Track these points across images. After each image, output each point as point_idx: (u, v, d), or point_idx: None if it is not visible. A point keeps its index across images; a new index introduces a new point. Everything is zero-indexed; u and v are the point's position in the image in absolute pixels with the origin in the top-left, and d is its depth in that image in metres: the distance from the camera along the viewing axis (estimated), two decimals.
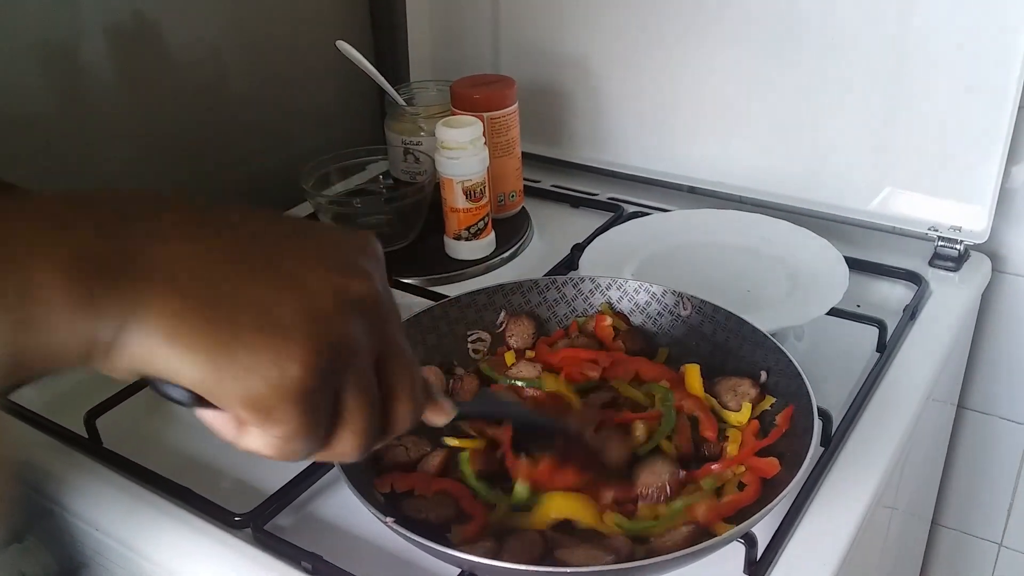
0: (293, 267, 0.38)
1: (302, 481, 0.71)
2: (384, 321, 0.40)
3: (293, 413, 0.37)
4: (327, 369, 0.37)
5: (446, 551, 0.55)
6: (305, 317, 0.36)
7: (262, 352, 0.36)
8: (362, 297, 0.39)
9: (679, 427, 0.68)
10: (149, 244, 0.36)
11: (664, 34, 1.08)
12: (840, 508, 0.68)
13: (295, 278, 0.37)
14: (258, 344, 0.36)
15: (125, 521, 0.71)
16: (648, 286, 0.81)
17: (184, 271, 0.36)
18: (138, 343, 0.35)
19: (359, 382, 0.39)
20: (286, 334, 0.36)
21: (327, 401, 0.38)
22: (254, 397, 0.36)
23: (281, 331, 0.36)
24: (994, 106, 0.91)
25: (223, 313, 0.36)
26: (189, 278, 0.36)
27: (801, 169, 1.05)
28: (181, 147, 1.11)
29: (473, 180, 0.97)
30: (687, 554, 0.54)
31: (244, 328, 0.36)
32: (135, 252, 0.35)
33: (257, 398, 0.36)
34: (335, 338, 0.37)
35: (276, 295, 0.37)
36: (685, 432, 0.68)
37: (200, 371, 0.35)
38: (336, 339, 0.37)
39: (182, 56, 1.09)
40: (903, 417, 0.78)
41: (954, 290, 0.96)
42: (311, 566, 0.64)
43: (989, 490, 1.21)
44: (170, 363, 0.35)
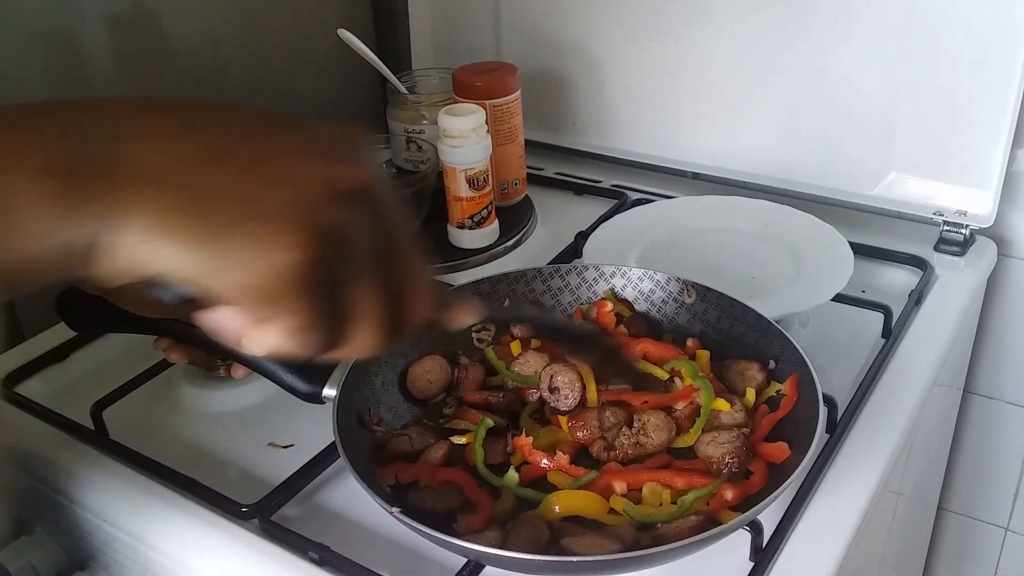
0: (279, 161, 0.37)
1: (308, 471, 0.71)
2: (379, 211, 0.39)
3: (301, 298, 0.36)
4: (326, 256, 0.36)
5: (452, 541, 0.55)
6: (296, 207, 0.35)
7: (260, 240, 0.35)
8: (353, 186, 0.37)
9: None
10: (128, 144, 0.35)
11: (667, 19, 1.07)
12: (846, 495, 0.68)
13: (282, 171, 0.36)
14: (255, 232, 0.35)
15: (132, 512, 0.72)
16: (652, 273, 0.80)
17: (167, 169, 0.35)
18: (124, 244, 0.34)
19: (362, 272, 0.38)
20: (280, 222, 0.35)
21: (334, 290, 0.37)
22: (260, 284, 0.35)
23: (274, 220, 0.35)
24: (1000, 90, 0.90)
25: (214, 206, 0.34)
26: (173, 175, 0.35)
27: (806, 154, 1.05)
28: None
29: (476, 168, 0.97)
30: (693, 542, 0.54)
31: (238, 218, 0.35)
32: (113, 153, 0.34)
33: (263, 285, 0.35)
34: (329, 226, 0.36)
35: (264, 187, 0.35)
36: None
37: (199, 264, 0.34)
38: (330, 227, 0.36)
39: (183, 46, 1.08)
40: (909, 403, 0.77)
41: (959, 275, 0.96)
42: (318, 556, 0.64)
43: (995, 475, 1.21)
44: (163, 260, 0.34)
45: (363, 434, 0.68)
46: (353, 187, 0.37)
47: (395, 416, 0.72)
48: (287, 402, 0.76)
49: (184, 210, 0.34)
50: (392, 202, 0.40)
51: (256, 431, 0.79)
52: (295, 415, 0.78)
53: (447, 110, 0.97)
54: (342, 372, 0.66)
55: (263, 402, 0.82)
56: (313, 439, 0.74)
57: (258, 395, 0.82)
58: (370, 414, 0.69)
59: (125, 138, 0.35)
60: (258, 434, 0.78)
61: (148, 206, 0.34)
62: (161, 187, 0.34)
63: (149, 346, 0.85)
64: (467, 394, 0.73)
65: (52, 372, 0.88)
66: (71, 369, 0.88)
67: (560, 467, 0.64)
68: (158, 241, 0.34)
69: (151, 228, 0.34)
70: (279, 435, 0.78)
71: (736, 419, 0.67)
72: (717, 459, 0.64)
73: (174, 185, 0.34)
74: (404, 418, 0.72)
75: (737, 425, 0.67)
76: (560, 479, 0.65)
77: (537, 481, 0.65)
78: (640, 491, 0.63)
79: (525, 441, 0.66)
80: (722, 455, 0.64)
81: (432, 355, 0.75)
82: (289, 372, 0.65)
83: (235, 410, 0.81)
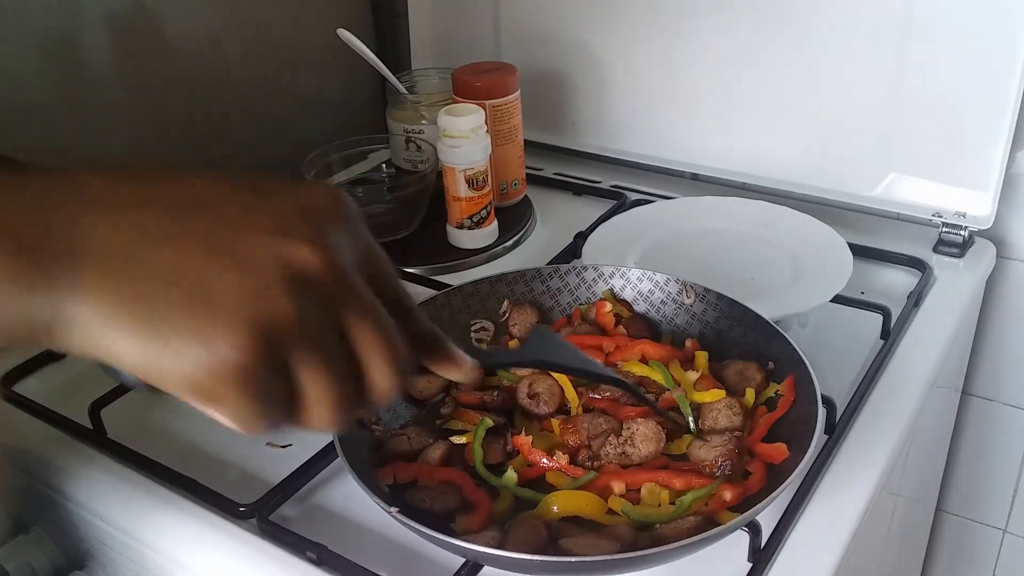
0: (232, 236, 0.35)
1: (306, 471, 0.71)
2: (341, 287, 0.37)
3: (237, 395, 0.35)
4: (268, 348, 0.35)
5: (450, 541, 0.55)
6: (240, 293, 0.34)
7: (194, 333, 0.34)
8: (309, 265, 0.36)
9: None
10: (92, 220, 0.35)
11: (667, 21, 1.07)
12: (844, 496, 0.68)
13: (233, 249, 0.35)
14: (190, 324, 0.34)
15: (130, 511, 0.72)
16: (651, 274, 0.80)
17: (113, 248, 0.34)
18: (77, 326, 0.34)
19: (313, 356, 0.36)
20: (219, 313, 0.34)
21: (277, 378, 0.36)
22: (192, 381, 0.34)
23: (213, 310, 0.34)
24: (999, 91, 0.90)
25: (153, 291, 0.34)
26: (118, 255, 0.34)
27: (805, 155, 1.05)
28: (181, 136, 1.11)
29: (475, 168, 0.97)
30: (691, 543, 0.54)
31: (175, 307, 0.34)
32: (75, 231, 0.34)
33: (195, 382, 0.34)
34: (275, 314, 0.35)
35: (210, 269, 0.34)
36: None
37: (137, 355, 0.34)
38: (276, 315, 0.35)
39: (182, 45, 1.08)
40: (907, 404, 0.77)
41: (958, 276, 0.96)
42: (316, 556, 0.64)
43: (993, 476, 1.21)
44: (108, 347, 0.34)
45: (361, 434, 0.68)
46: (309, 265, 0.36)
47: (394, 416, 0.72)
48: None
49: (135, 298, 0.34)
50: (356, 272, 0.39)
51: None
52: None
53: (447, 110, 0.97)
54: None
55: None
56: (311, 439, 0.73)
57: None
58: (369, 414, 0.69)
59: (90, 213, 0.35)
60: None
61: (102, 291, 0.34)
62: (117, 271, 0.34)
63: None
64: (463, 394, 0.73)
65: (50, 371, 0.87)
66: (69, 368, 0.88)
67: (559, 467, 0.64)
68: (107, 328, 0.34)
69: (102, 314, 0.34)
70: (277, 434, 0.78)
71: (733, 422, 0.67)
72: (710, 462, 0.64)
73: (130, 269, 0.34)
74: (403, 418, 0.72)
75: (732, 428, 0.67)
76: (559, 479, 0.65)
77: (535, 481, 0.65)
78: (639, 491, 0.63)
79: (525, 440, 0.66)
80: (715, 458, 0.64)
81: None
82: None
83: None
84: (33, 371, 0.87)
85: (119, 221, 0.35)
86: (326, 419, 0.38)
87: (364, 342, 0.38)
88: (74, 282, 0.34)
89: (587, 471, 0.64)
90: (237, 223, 0.36)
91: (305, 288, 0.36)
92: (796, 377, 0.68)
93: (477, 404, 0.72)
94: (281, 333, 0.35)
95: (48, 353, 0.88)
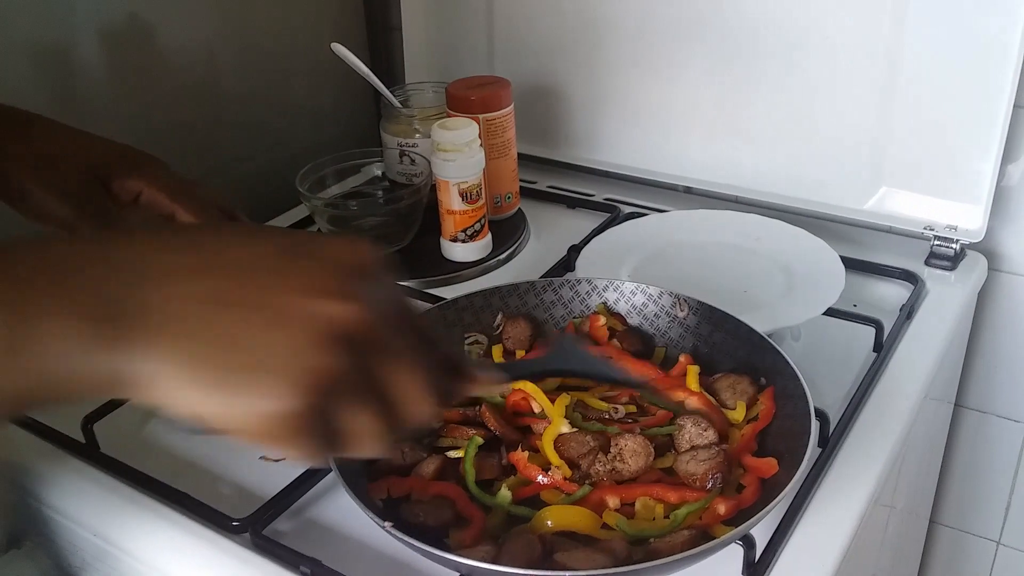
0: (279, 301, 0.41)
1: (300, 486, 0.71)
2: (374, 335, 0.42)
3: (294, 438, 0.41)
4: (317, 397, 0.40)
5: (444, 555, 0.55)
6: (289, 352, 0.40)
7: (255, 390, 0.39)
8: (347, 323, 0.41)
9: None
10: (151, 286, 0.40)
11: (660, 36, 1.08)
12: (838, 509, 0.68)
13: (280, 312, 0.40)
14: (251, 382, 0.40)
15: (123, 526, 0.71)
16: (645, 287, 0.81)
17: (183, 316, 0.40)
18: (155, 384, 0.39)
19: (356, 399, 0.42)
20: (273, 371, 0.40)
21: (329, 421, 0.41)
22: (258, 431, 0.40)
23: (268, 368, 0.40)
24: (989, 105, 0.91)
25: (220, 354, 0.40)
26: (187, 323, 0.40)
27: (797, 169, 1.05)
28: (175, 149, 1.10)
29: (469, 182, 0.97)
30: (685, 557, 0.54)
31: (237, 368, 0.40)
32: (136, 297, 0.40)
33: (261, 431, 0.40)
34: (319, 368, 0.40)
35: (264, 332, 0.40)
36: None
37: (210, 410, 0.40)
38: (321, 369, 0.40)
39: (176, 58, 1.09)
40: (900, 417, 0.78)
41: (950, 289, 0.96)
42: (310, 571, 0.64)
43: (987, 488, 1.21)
44: (184, 402, 0.40)
45: None
46: (348, 323, 0.41)
47: None
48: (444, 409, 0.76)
49: (205, 360, 0.40)
50: (390, 318, 0.44)
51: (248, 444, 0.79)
52: None
53: (441, 124, 0.97)
54: None
55: None
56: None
57: None
58: None
59: (148, 279, 0.40)
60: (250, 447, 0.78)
61: (178, 354, 0.39)
62: (189, 337, 0.39)
63: None
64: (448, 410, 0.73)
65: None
66: None
67: (555, 483, 0.64)
68: (183, 386, 0.39)
69: (179, 375, 0.39)
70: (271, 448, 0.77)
71: (705, 438, 0.67)
72: (700, 476, 0.64)
73: (199, 334, 0.40)
74: None
75: (713, 443, 0.67)
76: (553, 496, 0.64)
77: (530, 498, 0.65)
78: (633, 505, 0.63)
79: (521, 456, 0.66)
80: (704, 472, 0.64)
81: None
82: None
83: None
84: None
85: (179, 287, 0.40)
86: (374, 448, 0.44)
87: (399, 382, 0.43)
88: (152, 346, 0.39)
89: (581, 486, 0.64)
90: (283, 287, 0.41)
91: (343, 341, 0.41)
92: (778, 389, 0.69)
93: (460, 420, 0.71)
94: (327, 383, 0.40)
95: None
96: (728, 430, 0.69)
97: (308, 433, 0.41)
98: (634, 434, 0.67)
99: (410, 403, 0.44)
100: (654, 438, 0.67)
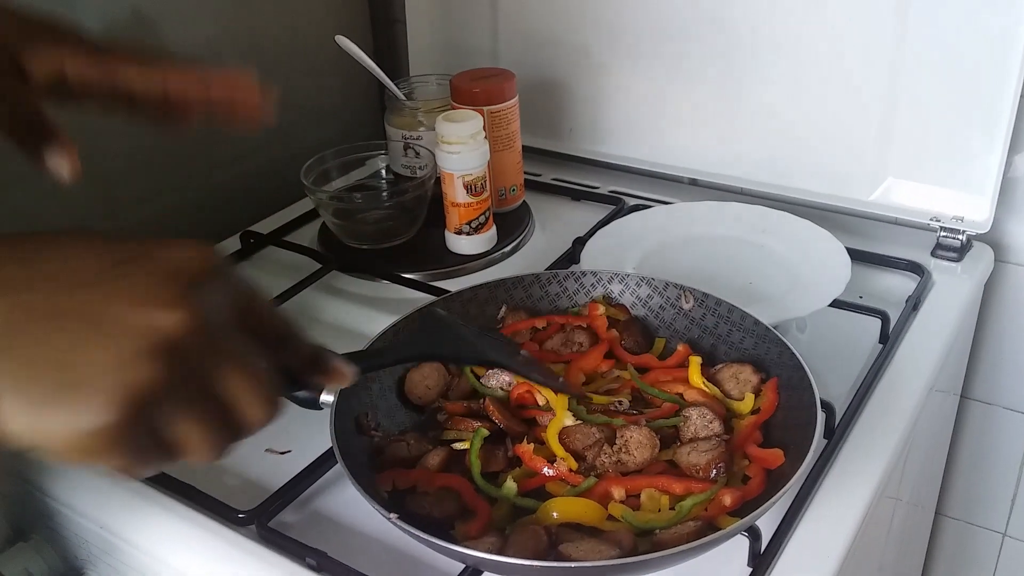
0: (102, 312, 0.40)
1: (305, 478, 0.71)
2: (203, 343, 0.41)
3: (115, 454, 0.39)
4: (138, 410, 0.39)
5: (450, 547, 0.55)
6: (107, 365, 0.39)
7: (71, 409, 0.38)
8: (172, 332, 0.40)
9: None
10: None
11: (663, 27, 1.08)
12: (844, 500, 0.68)
13: (102, 323, 0.39)
14: (66, 401, 0.38)
15: (130, 519, 0.72)
16: (650, 279, 0.81)
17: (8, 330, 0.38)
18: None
19: (183, 410, 0.41)
20: (89, 385, 0.38)
21: (152, 432, 0.40)
22: (75, 448, 0.38)
23: (85, 387, 0.38)
24: (995, 95, 0.91)
25: (40, 368, 0.38)
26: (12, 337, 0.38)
27: (803, 160, 1.05)
28: (180, 143, 1.11)
29: (474, 175, 0.97)
30: (691, 548, 0.54)
31: (55, 383, 0.38)
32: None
33: (78, 448, 0.38)
34: (140, 381, 0.39)
35: (87, 350, 0.39)
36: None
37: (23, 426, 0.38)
38: (142, 382, 0.39)
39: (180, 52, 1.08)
40: (906, 408, 0.78)
41: (956, 280, 0.96)
42: (315, 562, 0.64)
43: (993, 480, 1.22)
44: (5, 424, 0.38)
45: (361, 439, 0.68)
46: (172, 331, 0.40)
47: (393, 422, 0.72)
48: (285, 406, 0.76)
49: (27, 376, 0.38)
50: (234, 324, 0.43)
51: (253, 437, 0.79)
52: (292, 421, 0.77)
53: (445, 116, 0.97)
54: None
55: None
56: (310, 445, 0.74)
57: None
58: (367, 419, 0.69)
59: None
60: (255, 440, 0.78)
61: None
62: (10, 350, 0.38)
63: None
64: (449, 403, 0.73)
65: None
66: None
67: (561, 476, 0.65)
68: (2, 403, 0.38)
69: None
70: (276, 441, 0.78)
71: (712, 429, 0.67)
72: (703, 466, 0.64)
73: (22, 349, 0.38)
74: (402, 424, 0.72)
75: (715, 435, 0.67)
76: (558, 487, 0.65)
77: (535, 491, 0.65)
78: (639, 497, 0.63)
79: (526, 448, 0.66)
80: (707, 462, 0.64)
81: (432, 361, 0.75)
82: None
83: None
84: None
85: (10, 304, 0.39)
86: (207, 456, 0.43)
87: (230, 387, 0.43)
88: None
89: (586, 478, 0.64)
90: (107, 297, 0.40)
91: (167, 350, 0.40)
92: (784, 380, 0.69)
93: (464, 412, 0.72)
94: (150, 395, 0.39)
95: None
96: (731, 420, 0.69)
97: (127, 447, 0.39)
98: (639, 426, 0.67)
99: (244, 406, 0.43)
100: (659, 430, 0.68)
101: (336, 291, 1.00)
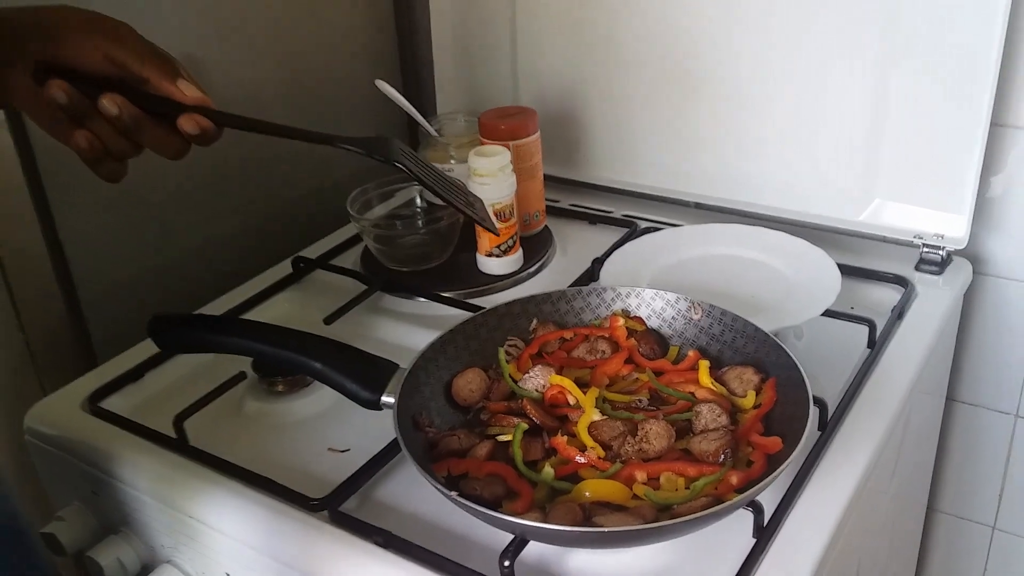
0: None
1: (368, 470, 0.81)
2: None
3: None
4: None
5: (503, 518, 0.65)
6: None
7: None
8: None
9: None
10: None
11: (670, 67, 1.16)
12: (835, 482, 0.77)
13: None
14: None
15: (214, 507, 0.81)
16: (663, 293, 0.90)
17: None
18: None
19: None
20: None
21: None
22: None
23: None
24: (970, 125, 0.99)
25: None
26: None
27: (798, 185, 1.13)
28: (230, 175, 1.20)
29: (503, 203, 1.07)
30: (704, 516, 0.64)
31: None
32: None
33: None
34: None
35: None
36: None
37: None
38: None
39: (226, 92, 1.17)
40: (890, 405, 0.86)
41: (938, 292, 1.04)
42: (382, 540, 0.74)
43: (981, 477, 1.27)
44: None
45: (417, 435, 0.78)
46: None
47: (443, 421, 0.82)
48: (342, 413, 0.88)
49: None
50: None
51: (315, 439, 0.89)
52: (349, 425, 0.89)
53: (477, 151, 1.07)
54: (398, 382, 0.76)
55: (320, 413, 0.92)
56: (366, 445, 0.83)
57: (315, 408, 0.92)
58: (423, 417, 0.79)
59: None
60: (317, 442, 0.88)
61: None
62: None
63: (213, 366, 0.96)
64: (492, 403, 0.83)
65: (129, 390, 0.96)
66: (146, 387, 0.97)
67: (591, 462, 0.74)
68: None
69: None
70: (336, 442, 0.87)
71: (720, 421, 0.77)
72: (712, 452, 0.73)
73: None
74: (450, 423, 0.82)
75: (723, 426, 0.76)
76: (589, 473, 0.74)
77: (569, 476, 0.74)
78: (658, 480, 0.73)
79: (560, 440, 0.76)
80: (716, 449, 0.73)
81: (473, 368, 0.85)
82: (353, 383, 0.76)
83: (295, 421, 0.91)
84: (114, 391, 0.96)
85: None
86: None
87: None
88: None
89: (614, 464, 0.74)
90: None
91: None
92: (782, 380, 0.78)
93: (504, 410, 0.81)
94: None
95: (128, 374, 0.98)
96: (736, 414, 0.79)
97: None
98: (657, 419, 0.77)
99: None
100: (675, 423, 0.77)
101: (381, 310, 1.08)
